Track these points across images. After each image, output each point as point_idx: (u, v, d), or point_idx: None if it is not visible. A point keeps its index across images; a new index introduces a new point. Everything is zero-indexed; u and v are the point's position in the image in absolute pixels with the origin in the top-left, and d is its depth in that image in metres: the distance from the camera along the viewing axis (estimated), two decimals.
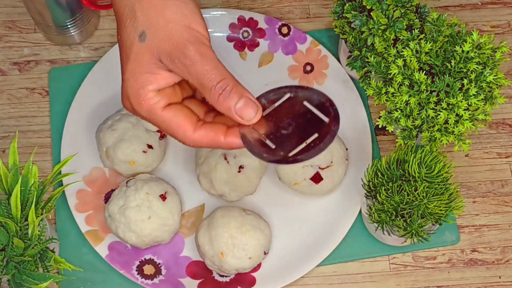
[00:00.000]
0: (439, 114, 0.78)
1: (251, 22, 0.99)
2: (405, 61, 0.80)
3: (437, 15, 0.82)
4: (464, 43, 0.79)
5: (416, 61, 0.79)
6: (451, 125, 0.78)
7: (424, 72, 0.79)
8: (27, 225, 0.77)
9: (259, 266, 0.87)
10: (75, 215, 0.88)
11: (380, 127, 0.83)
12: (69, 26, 0.95)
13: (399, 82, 0.80)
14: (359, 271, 0.88)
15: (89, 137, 0.93)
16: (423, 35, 0.82)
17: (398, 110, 0.80)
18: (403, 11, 0.83)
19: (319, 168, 0.87)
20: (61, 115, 0.95)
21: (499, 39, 0.99)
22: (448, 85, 0.79)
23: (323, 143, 0.61)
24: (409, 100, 0.79)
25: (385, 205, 0.78)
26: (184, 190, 0.91)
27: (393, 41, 0.84)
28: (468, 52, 0.78)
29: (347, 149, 0.90)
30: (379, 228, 0.80)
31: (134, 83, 0.63)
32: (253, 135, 0.63)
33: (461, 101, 0.77)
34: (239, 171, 0.86)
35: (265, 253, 0.85)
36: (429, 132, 0.80)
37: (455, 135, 0.79)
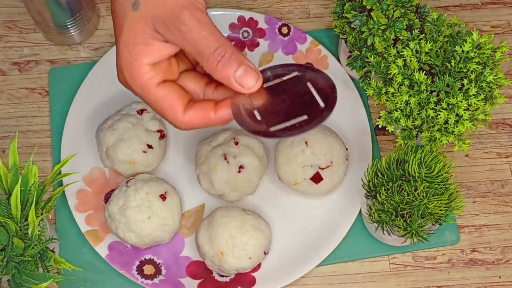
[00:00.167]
0: (439, 114, 0.78)
1: (251, 22, 0.99)
2: (405, 61, 0.80)
3: (437, 15, 0.82)
4: (464, 43, 0.79)
5: (416, 61, 0.79)
6: (451, 125, 0.78)
7: (424, 72, 0.79)
8: (27, 225, 0.77)
9: (259, 266, 0.87)
10: (75, 215, 0.88)
11: (380, 127, 0.83)
12: (69, 26, 0.95)
13: (399, 82, 0.80)
14: (359, 271, 0.88)
15: (89, 137, 0.93)
16: (423, 35, 0.82)
17: (398, 110, 0.80)
18: (403, 11, 0.83)
19: (319, 168, 0.87)
20: (61, 115, 0.95)
21: (499, 39, 0.99)
22: (448, 85, 0.79)
23: (308, 125, 0.59)
24: (409, 100, 0.79)
25: (385, 205, 0.78)
26: (184, 190, 0.91)
27: (393, 41, 0.84)
28: (468, 52, 0.78)
29: (347, 149, 0.90)
30: (379, 228, 0.81)
31: (127, 55, 0.61)
32: (244, 104, 0.61)
33: (461, 101, 0.77)
34: (239, 171, 0.86)
35: (265, 253, 0.85)
36: (429, 132, 0.80)
37: (455, 135, 0.79)
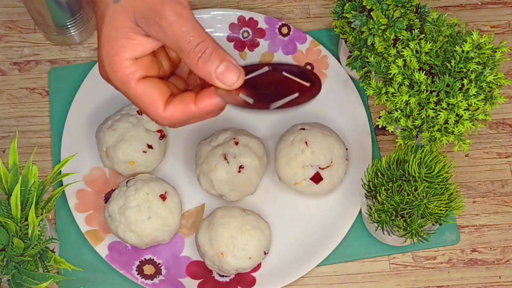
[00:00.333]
0: (439, 114, 0.78)
1: (251, 22, 0.99)
2: (405, 61, 0.80)
3: (437, 15, 0.82)
4: (464, 43, 0.79)
5: (416, 61, 0.79)
6: (451, 125, 0.78)
7: (424, 72, 0.79)
8: (27, 225, 0.77)
9: (259, 266, 0.87)
10: (75, 215, 0.88)
11: (380, 127, 0.83)
12: (69, 26, 0.95)
13: (399, 82, 0.80)
14: (359, 271, 0.88)
15: (89, 137, 0.93)
16: (423, 35, 0.82)
17: (398, 110, 0.80)
18: (403, 11, 0.83)
19: (319, 168, 0.87)
20: (61, 115, 0.95)
21: (499, 39, 0.99)
22: (448, 85, 0.79)
23: (306, 96, 0.59)
24: (409, 100, 0.79)
25: (385, 205, 0.78)
26: (184, 190, 0.91)
27: (393, 41, 0.84)
28: (468, 52, 0.78)
29: (347, 149, 0.90)
30: (379, 228, 0.80)
31: (109, 48, 0.60)
32: (230, 95, 0.60)
33: (461, 101, 0.77)
34: (239, 171, 0.86)
35: (265, 253, 0.85)
36: (429, 132, 0.80)
37: (455, 135, 0.79)
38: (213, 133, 0.90)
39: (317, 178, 0.87)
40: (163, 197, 0.85)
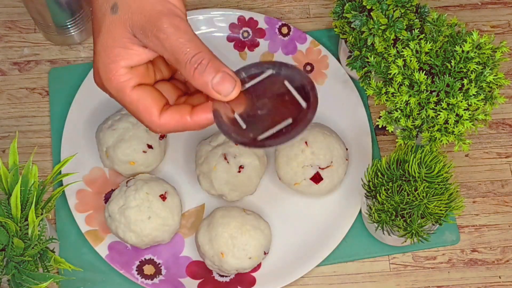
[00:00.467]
0: (439, 114, 0.78)
1: (251, 22, 0.99)
2: (405, 61, 0.80)
3: (437, 15, 0.82)
4: (464, 43, 0.79)
5: (416, 61, 0.79)
6: (451, 125, 0.78)
7: (424, 72, 0.79)
8: (27, 225, 0.77)
9: (259, 266, 0.87)
10: (75, 215, 0.88)
11: (380, 127, 0.83)
12: (69, 26, 0.95)
13: (399, 82, 0.80)
14: (359, 271, 0.88)
15: (89, 137, 0.93)
16: (423, 35, 0.82)
17: (398, 110, 0.80)
18: (403, 11, 0.83)
19: (319, 168, 0.87)
20: (61, 115, 0.95)
21: (499, 39, 0.99)
22: (448, 85, 0.79)
23: (294, 130, 0.58)
24: (409, 100, 0.79)
25: (385, 205, 0.78)
26: (184, 190, 0.91)
27: (393, 41, 0.84)
28: (468, 52, 0.78)
29: (347, 149, 0.90)
30: (379, 228, 0.81)
31: (105, 57, 0.60)
32: (226, 111, 0.60)
33: (461, 101, 0.77)
34: (239, 171, 0.86)
35: (265, 253, 0.85)
36: (429, 132, 0.80)
37: (455, 135, 0.79)
38: (213, 133, 0.90)
39: (317, 178, 0.87)
40: (163, 197, 0.85)
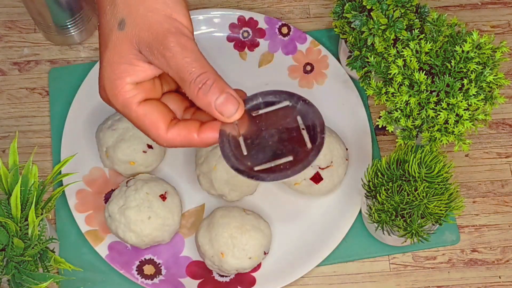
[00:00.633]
0: (439, 114, 0.78)
1: (251, 22, 0.99)
2: (405, 61, 0.80)
3: (437, 15, 0.82)
4: (464, 43, 0.79)
5: (416, 61, 0.79)
6: (451, 125, 0.78)
7: (424, 72, 0.79)
8: (27, 225, 0.77)
9: (259, 266, 0.87)
10: (75, 215, 0.88)
11: (380, 127, 0.83)
12: (69, 26, 0.95)
13: (399, 82, 0.80)
14: (359, 271, 0.88)
15: (89, 137, 0.93)
16: (423, 35, 0.82)
17: (398, 110, 0.80)
18: (403, 11, 0.83)
19: (319, 168, 0.87)
20: (61, 115, 0.95)
21: (499, 39, 0.99)
22: (448, 85, 0.79)
23: (291, 170, 0.59)
24: (409, 100, 0.79)
25: (385, 205, 0.78)
26: (184, 190, 0.91)
27: (393, 41, 0.84)
28: (468, 52, 0.78)
29: (347, 149, 0.90)
30: (379, 228, 0.80)
31: (111, 73, 0.60)
32: (232, 133, 0.60)
33: (461, 101, 0.77)
34: None
35: (265, 253, 0.85)
36: (429, 132, 0.80)
37: (455, 135, 0.79)
38: None
39: (317, 178, 0.87)
40: (163, 197, 0.85)
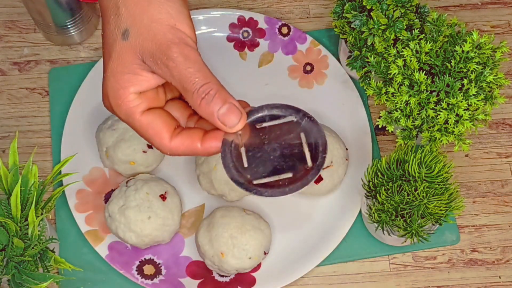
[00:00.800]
0: (439, 114, 0.78)
1: (251, 22, 0.99)
2: (405, 61, 0.80)
3: (437, 15, 0.82)
4: (464, 43, 0.79)
5: (416, 61, 0.79)
6: (451, 125, 0.78)
7: (424, 72, 0.79)
8: (27, 225, 0.77)
9: (259, 266, 0.87)
10: (75, 215, 0.88)
11: (380, 127, 0.83)
12: (69, 26, 0.95)
13: (399, 82, 0.80)
14: (359, 271, 0.88)
15: (89, 137, 0.93)
16: (423, 35, 0.82)
17: (398, 110, 0.80)
18: (403, 11, 0.83)
19: None
20: (61, 115, 0.95)
21: (499, 39, 0.99)
22: (448, 85, 0.79)
23: (289, 187, 0.59)
24: (409, 100, 0.79)
25: (385, 205, 0.78)
26: (184, 190, 0.91)
27: (393, 41, 0.84)
28: (468, 52, 0.78)
29: (347, 149, 0.90)
30: (379, 228, 0.80)
31: (114, 83, 0.61)
32: (234, 144, 0.61)
33: (461, 101, 0.77)
34: None
35: (265, 253, 0.85)
36: (429, 132, 0.80)
37: (455, 135, 0.79)
38: None
39: (317, 178, 0.87)
40: (163, 197, 0.85)
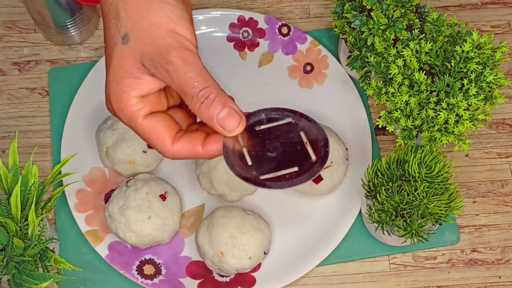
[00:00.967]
0: (439, 114, 0.78)
1: (251, 22, 0.99)
2: (405, 61, 0.80)
3: (437, 15, 0.82)
4: (464, 43, 0.79)
5: (416, 61, 0.79)
6: (451, 125, 0.78)
7: (424, 72, 0.79)
8: (27, 225, 0.77)
9: (259, 266, 0.87)
10: (75, 215, 0.88)
11: (380, 127, 0.83)
12: (69, 26, 0.95)
13: (399, 82, 0.80)
14: (359, 271, 0.88)
15: (89, 137, 0.93)
16: (423, 35, 0.82)
17: (398, 110, 0.80)
18: (403, 11, 0.83)
19: None
20: (61, 115, 0.95)
21: (499, 39, 0.99)
22: (448, 85, 0.79)
23: (298, 179, 0.59)
24: (409, 100, 0.79)
25: (385, 205, 0.78)
26: (184, 190, 0.91)
27: (393, 41, 0.84)
28: (468, 52, 0.78)
29: (347, 149, 0.90)
30: (379, 228, 0.80)
31: (116, 87, 0.61)
32: (235, 145, 0.61)
33: (461, 101, 0.77)
34: None
35: (265, 253, 0.85)
36: (429, 132, 0.80)
37: (455, 135, 0.79)
38: None
39: (317, 178, 0.87)
40: (163, 197, 0.85)
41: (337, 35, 0.98)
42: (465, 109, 0.78)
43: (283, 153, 0.61)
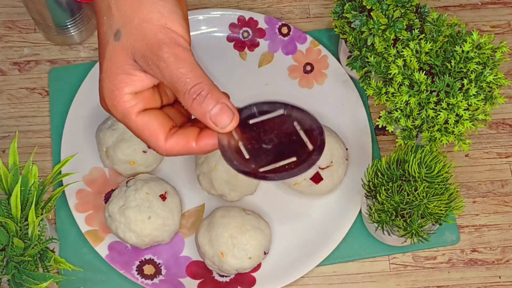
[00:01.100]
0: (439, 114, 0.78)
1: (251, 22, 0.99)
2: (405, 61, 0.80)
3: (437, 15, 0.82)
4: (464, 43, 0.79)
5: (416, 61, 0.79)
6: (451, 125, 0.78)
7: (424, 72, 0.79)
8: (27, 225, 0.77)
9: (259, 266, 0.87)
10: (75, 215, 0.88)
11: (380, 127, 0.83)
12: (69, 26, 0.95)
13: (399, 82, 0.80)
14: (359, 271, 0.88)
15: (89, 137, 0.93)
16: (423, 35, 0.82)
17: (398, 110, 0.80)
18: (403, 11, 0.83)
19: (319, 168, 0.87)
20: (61, 115, 0.95)
21: (499, 39, 0.99)
22: (448, 85, 0.79)
23: (298, 168, 0.59)
24: (409, 100, 0.79)
25: (385, 205, 0.78)
26: (184, 190, 0.91)
27: (393, 41, 0.84)
28: (468, 52, 0.78)
29: (347, 149, 0.90)
30: (379, 228, 0.81)
31: (109, 83, 0.60)
32: (231, 140, 0.60)
33: (461, 101, 0.77)
34: None
35: (265, 253, 0.85)
36: (429, 132, 0.80)
37: (455, 135, 0.79)
38: None
39: (317, 178, 0.87)
40: (163, 197, 0.85)
41: (337, 35, 0.98)
42: (465, 109, 0.78)
43: (279, 144, 0.60)
